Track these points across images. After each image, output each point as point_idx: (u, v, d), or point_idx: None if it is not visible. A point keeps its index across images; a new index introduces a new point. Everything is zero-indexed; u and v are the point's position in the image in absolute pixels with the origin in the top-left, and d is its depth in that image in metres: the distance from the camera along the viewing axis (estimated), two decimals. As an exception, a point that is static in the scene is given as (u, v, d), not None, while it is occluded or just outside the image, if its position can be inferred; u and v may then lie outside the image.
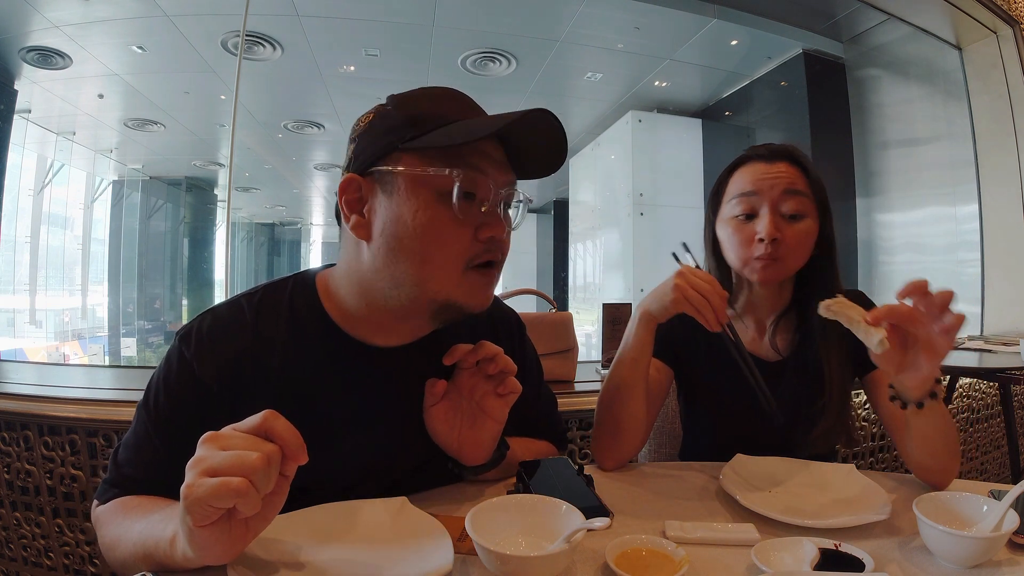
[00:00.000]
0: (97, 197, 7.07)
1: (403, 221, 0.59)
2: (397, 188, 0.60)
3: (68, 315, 7.28)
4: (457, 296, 0.62)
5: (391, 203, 0.60)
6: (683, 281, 0.78)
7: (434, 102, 0.63)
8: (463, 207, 0.59)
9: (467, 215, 0.60)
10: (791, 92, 3.86)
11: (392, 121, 0.61)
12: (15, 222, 6.03)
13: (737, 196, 0.90)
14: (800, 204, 0.87)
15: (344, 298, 0.67)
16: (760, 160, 0.91)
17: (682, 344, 0.97)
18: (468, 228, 0.60)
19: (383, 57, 4.00)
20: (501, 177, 0.62)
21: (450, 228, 0.59)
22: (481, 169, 0.60)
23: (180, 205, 7.55)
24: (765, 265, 0.87)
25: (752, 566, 0.54)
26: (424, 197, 0.59)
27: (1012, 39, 2.97)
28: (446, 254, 0.60)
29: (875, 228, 3.61)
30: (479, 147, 0.60)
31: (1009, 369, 1.81)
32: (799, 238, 0.87)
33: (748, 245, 0.88)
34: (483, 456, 0.72)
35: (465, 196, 0.59)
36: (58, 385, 1.48)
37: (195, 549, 0.47)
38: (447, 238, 0.59)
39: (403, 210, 0.59)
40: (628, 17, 3.57)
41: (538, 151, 0.64)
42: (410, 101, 0.63)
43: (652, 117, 4.83)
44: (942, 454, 0.75)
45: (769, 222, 0.86)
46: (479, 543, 0.51)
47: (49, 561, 1.37)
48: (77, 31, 3.62)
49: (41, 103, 4.80)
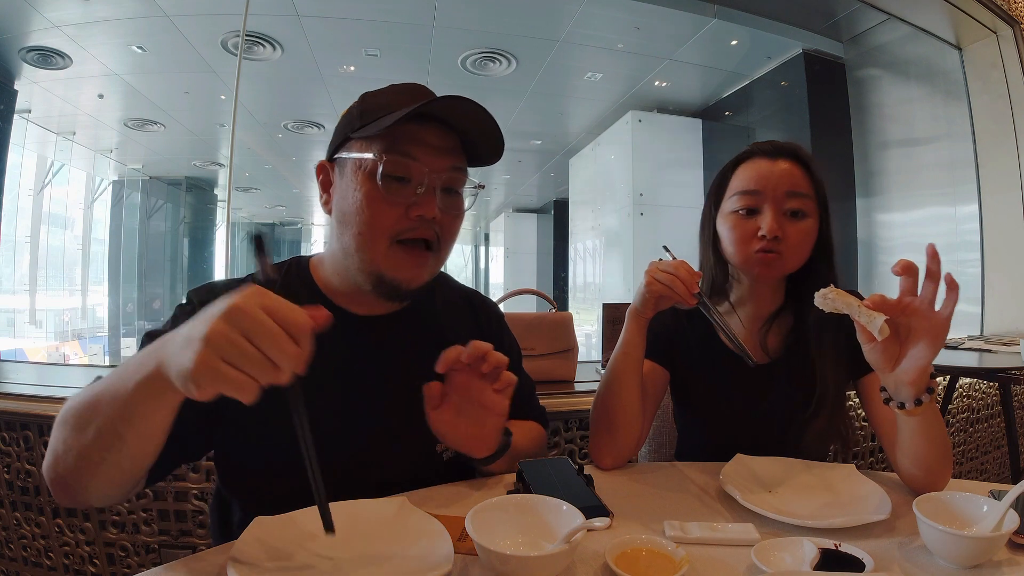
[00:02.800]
0: (97, 197, 7.07)
1: (346, 198, 0.69)
2: (345, 171, 0.70)
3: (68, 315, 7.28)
4: (384, 268, 0.69)
5: (342, 184, 0.71)
6: (652, 268, 0.84)
7: (389, 96, 0.71)
8: (393, 187, 0.67)
9: (398, 195, 0.67)
10: (791, 92, 3.86)
11: (352, 114, 0.72)
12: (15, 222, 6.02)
13: (740, 193, 0.90)
14: (802, 204, 0.88)
15: (327, 271, 0.77)
16: (764, 157, 0.90)
17: (675, 345, 0.98)
18: (399, 207, 0.68)
19: (383, 57, 4.00)
20: (437, 162, 0.69)
21: (378, 204, 0.67)
22: (410, 154, 0.67)
23: (180, 205, 7.55)
24: (764, 260, 0.87)
25: (752, 566, 0.54)
26: (361, 178, 0.68)
27: (1012, 39, 2.97)
28: (373, 227, 0.68)
29: (875, 228, 3.61)
30: (414, 134, 0.68)
31: (1009, 369, 1.81)
32: (800, 236, 0.88)
33: (748, 241, 0.88)
34: (490, 447, 0.74)
35: (398, 179, 0.67)
36: (58, 385, 1.48)
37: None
38: (374, 212, 0.67)
39: (347, 189, 0.69)
40: (628, 17, 3.57)
41: (481, 137, 0.72)
42: (372, 96, 0.73)
43: (652, 117, 4.83)
44: (935, 461, 0.72)
45: (772, 219, 0.86)
46: (479, 543, 0.51)
47: (49, 561, 1.37)
48: (77, 31, 3.62)
49: (41, 103, 4.80)
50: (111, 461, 0.53)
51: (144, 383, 0.48)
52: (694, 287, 0.82)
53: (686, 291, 0.81)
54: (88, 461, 0.53)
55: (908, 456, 0.74)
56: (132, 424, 0.51)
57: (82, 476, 0.55)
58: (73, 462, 0.54)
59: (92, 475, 0.54)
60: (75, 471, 0.54)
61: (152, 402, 0.49)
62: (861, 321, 0.65)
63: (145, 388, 0.48)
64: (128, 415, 0.50)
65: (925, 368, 0.66)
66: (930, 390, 0.68)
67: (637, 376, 0.88)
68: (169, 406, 0.51)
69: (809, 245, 0.90)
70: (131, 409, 0.50)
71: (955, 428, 2.24)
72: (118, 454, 0.52)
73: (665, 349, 0.97)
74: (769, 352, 0.94)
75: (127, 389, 0.49)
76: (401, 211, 0.68)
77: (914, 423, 0.70)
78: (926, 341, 0.65)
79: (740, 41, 3.84)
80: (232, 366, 0.43)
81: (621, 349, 0.88)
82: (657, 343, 0.94)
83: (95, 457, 0.53)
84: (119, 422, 0.51)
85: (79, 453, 0.53)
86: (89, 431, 0.52)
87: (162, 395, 0.48)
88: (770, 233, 0.85)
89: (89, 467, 0.54)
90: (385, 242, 0.68)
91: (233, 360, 0.43)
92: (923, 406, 0.68)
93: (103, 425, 0.51)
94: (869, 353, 0.69)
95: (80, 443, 0.53)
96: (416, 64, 4.10)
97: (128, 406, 0.50)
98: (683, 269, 0.82)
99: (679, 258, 0.87)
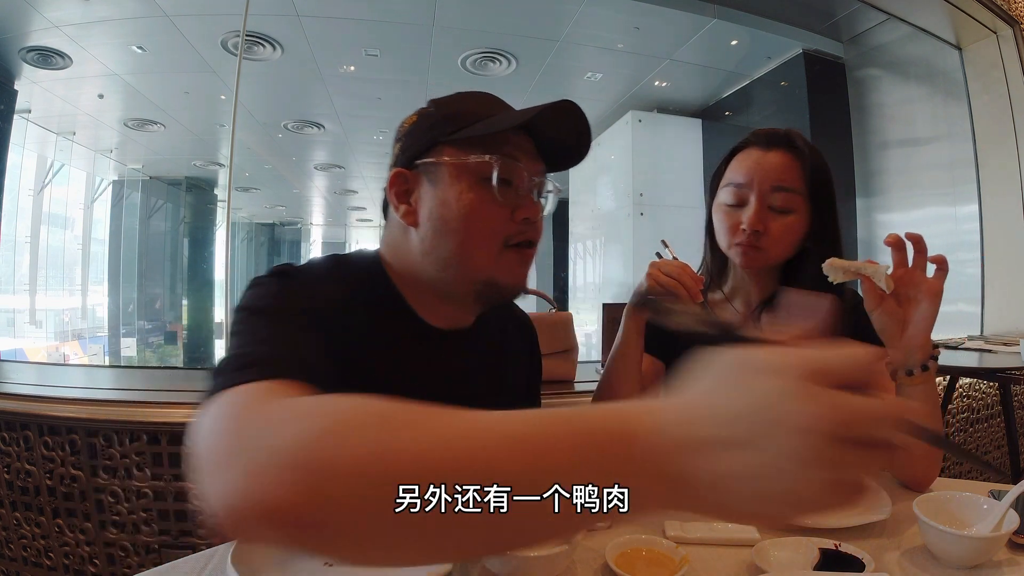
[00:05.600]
0: (97, 197, 7.07)
1: (448, 204, 0.65)
2: (441, 177, 0.66)
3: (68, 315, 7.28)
4: (496, 274, 0.67)
5: (436, 190, 0.66)
6: (655, 269, 0.85)
7: (470, 101, 0.71)
8: (501, 191, 0.65)
9: (505, 197, 0.65)
10: (791, 92, 3.86)
11: (433, 119, 0.69)
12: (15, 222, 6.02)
13: (729, 185, 0.92)
14: (788, 200, 0.88)
15: (405, 282, 0.72)
16: (757, 147, 0.92)
17: (669, 337, 0.98)
18: (506, 209, 0.66)
19: (383, 57, 4.00)
20: (532, 166, 0.69)
21: (490, 208, 0.65)
22: (515, 157, 0.66)
23: (180, 205, 7.55)
24: (746, 251, 0.89)
25: (752, 566, 0.54)
26: (466, 182, 0.65)
27: (1012, 39, 2.97)
28: (485, 232, 0.66)
29: (875, 228, 3.61)
30: (512, 139, 0.67)
31: (1009, 369, 1.81)
32: (783, 231, 0.89)
33: (733, 232, 0.90)
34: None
35: (502, 182, 0.65)
36: (58, 385, 1.48)
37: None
38: (487, 217, 0.65)
39: (448, 195, 0.65)
40: (628, 17, 3.57)
41: (563, 143, 0.70)
42: (449, 102, 0.71)
43: (652, 117, 4.83)
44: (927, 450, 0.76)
45: (753, 213, 0.88)
46: (479, 543, 0.50)
47: (49, 561, 1.37)
48: (77, 31, 3.62)
49: (41, 103, 4.80)
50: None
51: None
52: (698, 295, 0.82)
53: (688, 296, 0.82)
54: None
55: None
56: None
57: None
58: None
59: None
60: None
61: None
62: (868, 274, 0.73)
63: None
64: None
65: (929, 329, 0.74)
66: (934, 357, 0.75)
67: (636, 373, 0.88)
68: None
69: (793, 238, 0.90)
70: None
71: (955, 428, 2.24)
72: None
73: (660, 342, 0.97)
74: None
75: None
76: (508, 214, 0.67)
77: (920, 393, 0.75)
78: (926, 303, 0.73)
79: (740, 41, 3.84)
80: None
81: (619, 347, 0.89)
82: (652, 336, 0.94)
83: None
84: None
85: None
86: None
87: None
88: (750, 227, 0.87)
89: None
90: (498, 247, 0.67)
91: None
92: (929, 372, 0.75)
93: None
94: (879, 320, 0.75)
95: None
96: (416, 64, 4.09)
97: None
98: (686, 275, 0.82)
99: (678, 256, 0.88)
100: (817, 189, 0.90)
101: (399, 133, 0.72)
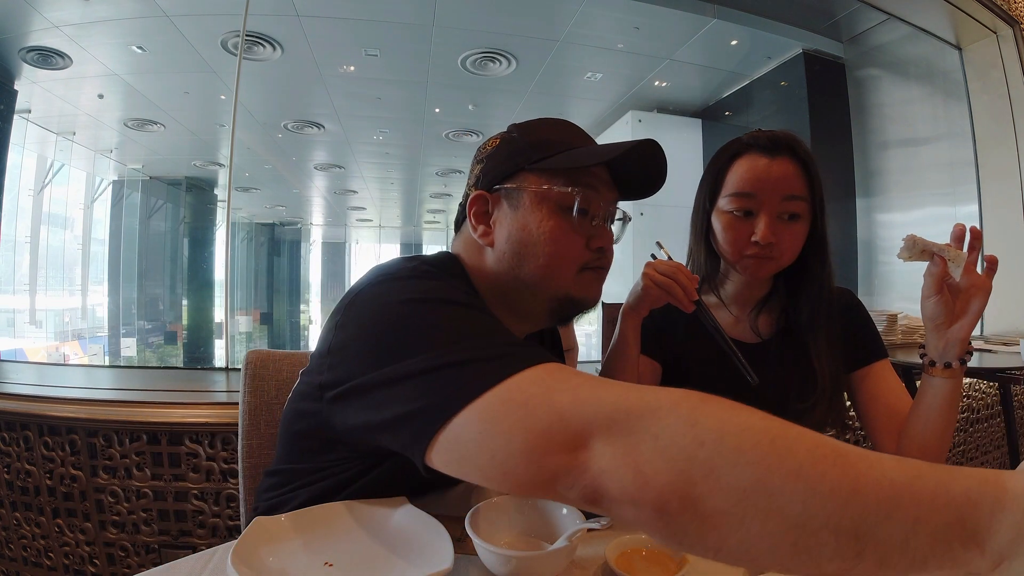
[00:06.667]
0: (97, 197, 7.07)
1: (529, 229, 0.68)
2: (523, 202, 0.69)
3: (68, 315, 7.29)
4: (574, 291, 0.70)
5: (516, 215, 0.69)
6: (650, 269, 0.86)
7: (553, 130, 0.73)
8: (579, 220, 0.68)
9: (581, 227, 0.69)
10: (791, 92, 3.87)
11: (517, 145, 0.71)
12: (15, 222, 6.03)
13: (735, 194, 0.88)
14: (797, 206, 0.87)
15: (486, 296, 0.74)
16: (761, 153, 0.88)
17: (665, 337, 0.98)
18: (582, 238, 0.70)
19: (383, 57, 4.00)
20: (608, 195, 0.72)
21: (569, 236, 0.68)
22: (595, 188, 0.70)
23: (180, 205, 7.55)
24: (759, 264, 0.88)
25: (752, 566, 0.54)
26: (547, 209, 0.68)
27: (1012, 39, 2.97)
28: (565, 257, 0.69)
29: (875, 228, 3.61)
30: (592, 170, 0.70)
31: (1009, 369, 1.81)
32: (792, 238, 0.87)
33: (743, 244, 0.88)
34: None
35: (579, 211, 0.68)
36: (58, 385, 1.48)
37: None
38: (566, 244, 0.68)
39: (529, 220, 0.68)
40: (628, 17, 3.57)
41: (639, 177, 0.75)
42: (533, 129, 0.73)
43: (652, 117, 4.83)
44: (947, 429, 0.79)
45: (765, 227, 0.85)
46: (479, 543, 0.51)
47: (49, 561, 1.37)
48: (77, 31, 3.62)
49: (41, 103, 4.80)
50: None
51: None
52: (693, 294, 0.83)
53: (685, 297, 0.82)
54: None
55: (922, 422, 0.80)
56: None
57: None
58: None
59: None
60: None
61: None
62: (949, 258, 0.75)
63: None
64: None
65: (974, 325, 0.75)
66: (970, 352, 0.77)
67: (632, 374, 0.88)
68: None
69: (801, 243, 0.89)
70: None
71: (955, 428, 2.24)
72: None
73: (656, 343, 0.97)
74: (760, 333, 0.95)
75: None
76: (584, 242, 0.70)
77: (948, 387, 0.76)
78: (977, 299, 0.75)
79: (740, 41, 3.84)
80: None
81: (616, 348, 0.89)
82: (648, 338, 0.94)
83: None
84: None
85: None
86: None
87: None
88: (764, 240, 0.85)
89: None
90: (574, 270, 0.70)
91: None
92: (963, 367, 0.76)
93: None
94: (933, 307, 0.75)
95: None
96: (416, 64, 4.09)
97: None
98: (682, 274, 0.83)
99: (674, 256, 0.88)
100: (816, 191, 0.89)
101: (480, 155, 0.74)
